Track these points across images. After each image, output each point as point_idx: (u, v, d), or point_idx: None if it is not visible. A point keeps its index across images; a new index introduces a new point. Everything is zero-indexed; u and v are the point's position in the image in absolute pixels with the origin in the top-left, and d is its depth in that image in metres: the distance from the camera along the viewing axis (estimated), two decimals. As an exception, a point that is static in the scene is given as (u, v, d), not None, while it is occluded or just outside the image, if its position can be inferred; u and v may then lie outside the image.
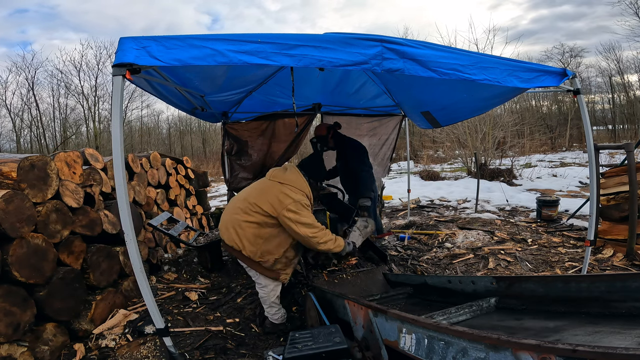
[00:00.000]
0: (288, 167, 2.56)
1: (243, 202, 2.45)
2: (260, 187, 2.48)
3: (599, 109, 24.22)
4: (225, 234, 2.48)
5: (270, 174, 2.56)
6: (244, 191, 2.62)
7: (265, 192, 2.41)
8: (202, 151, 26.67)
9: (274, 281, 2.56)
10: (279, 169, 2.58)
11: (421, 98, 3.74)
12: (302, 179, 2.50)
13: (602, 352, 0.81)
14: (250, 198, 2.43)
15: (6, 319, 2.05)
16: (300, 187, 2.44)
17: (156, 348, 2.42)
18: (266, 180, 2.54)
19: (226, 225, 2.48)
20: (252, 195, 2.45)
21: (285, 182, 2.42)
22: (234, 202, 2.56)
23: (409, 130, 7.30)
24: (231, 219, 2.46)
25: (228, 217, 2.50)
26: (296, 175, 2.49)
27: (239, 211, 2.43)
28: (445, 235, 4.97)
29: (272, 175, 2.54)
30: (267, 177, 2.56)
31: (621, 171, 3.96)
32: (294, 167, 2.58)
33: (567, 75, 2.33)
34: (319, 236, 2.33)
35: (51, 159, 2.65)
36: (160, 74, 2.24)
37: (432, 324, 1.28)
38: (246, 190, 2.59)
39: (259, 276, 2.54)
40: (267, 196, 2.38)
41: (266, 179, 2.55)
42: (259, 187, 2.49)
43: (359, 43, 1.89)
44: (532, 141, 15.52)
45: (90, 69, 21.30)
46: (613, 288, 1.43)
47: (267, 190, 2.42)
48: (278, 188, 2.39)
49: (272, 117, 4.52)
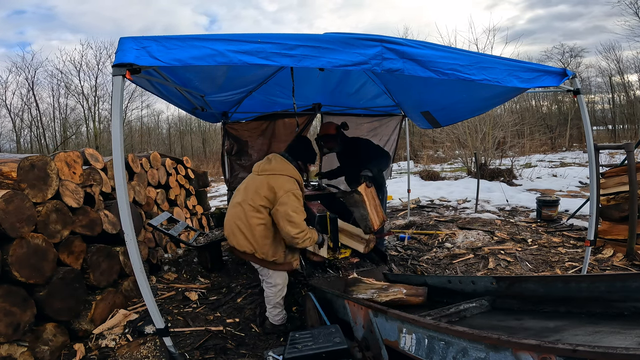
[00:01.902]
0: (272, 158, 2.57)
1: (243, 205, 2.45)
2: (254, 186, 2.46)
3: (599, 109, 24.23)
4: (234, 240, 2.47)
5: (257, 168, 2.55)
6: (239, 193, 2.58)
7: (259, 189, 2.41)
8: (202, 151, 26.67)
9: (285, 278, 2.63)
10: (263, 161, 2.57)
11: (421, 98, 3.74)
12: (289, 165, 2.52)
13: (602, 352, 0.81)
14: (248, 200, 2.43)
15: (6, 319, 2.05)
16: (290, 174, 2.46)
17: (156, 348, 2.42)
18: (255, 176, 2.53)
19: (233, 232, 2.47)
20: (249, 197, 2.44)
21: (273, 173, 2.44)
22: (233, 207, 2.54)
23: (409, 130, 7.29)
24: (236, 224, 2.45)
25: (232, 222, 2.48)
26: (282, 163, 2.51)
27: (242, 215, 2.43)
28: (445, 235, 4.97)
29: (259, 169, 2.53)
30: (255, 172, 2.55)
31: (621, 171, 3.96)
32: (277, 155, 2.59)
33: (567, 75, 2.33)
34: (300, 237, 2.37)
35: (51, 159, 2.65)
36: (160, 73, 2.24)
37: (432, 324, 1.28)
38: (241, 192, 2.55)
39: (271, 275, 2.56)
40: (262, 192, 2.39)
41: (255, 175, 2.54)
42: (253, 186, 2.47)
43: (359, 43, 1.89)
44: (532, 141, 15.52)
45: (90, 69, 21.32)
46: (613, 288, 1.43)
47: (260, 186, 2.42)
48: (268, 181, 2.41)
49: (272, 117, 4.52)
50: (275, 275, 2.57)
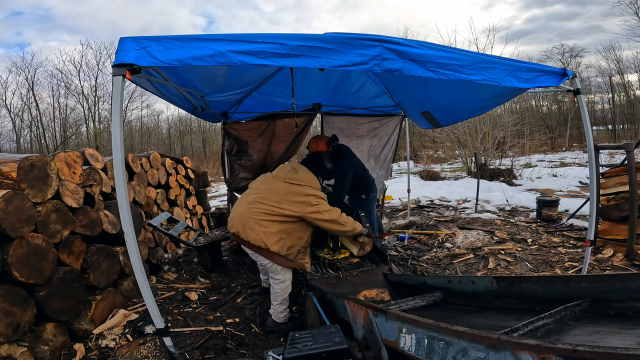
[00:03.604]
0: (298, 168, 2.70)
1: (262, 202, 2.51)
2: (278, 189, 2.56)
3: (599, 109, 24.23)
4: (251, 235, 2.49)
5: (285, 175, 2.63)
6: (257, 191, 2.64)
7: (287, 194, 2.52)
8: (202, 151, 26.67)
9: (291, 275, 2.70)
10: (290, 170, 2.67)
11: (421, 98, 3.73)
12: (315, 177, 2.70)
13: (602, 352, 0.81)
14: (272, 201, 2.51)
15: (6, 319, 2.05)
16: (317, 186, 2.65)
17: (156, 348, 2.42)
18: (280, 181, 2.61)
19: (250, 226, 2.49)
20: (273, 198, 2.52)
21: (303, 184, 2.58)
22: (251, 203, 2.56)
23: (409, 130, 7.30)
24: (252, 219, 2.49)
25: (247, 217, 2.51)
26: (309, 175, 2.68)
27: (259, 212, 2.49)
28: (445, 235, 4.97)
29: (286, 177, 2.61)
30: (281, 178, 2.62)
31: (621, 171, 3.96)
32: (303, 167, 2.76)
33: (567, 75, 2.33)
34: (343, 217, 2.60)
35: (51, 159, 2.65)
36: (160, 74, 2.24)
37: (433, 324, 1.28)
38: (261, 191, 2.61)
39: (279, 271, 2.59)
40: (290, 198, 2.51)
41: (279, 181, 2.61)
42: (277, 189, 2.56)
43: (359, 43, 1.89)
44: (532, 141, 15.54)
45: (90, 69, 21.34)
46: (613, 288, 1.43)
47: (288, 192, 2.53)
48: (299, 190, 2.54)
49: (272, 117, 4.52)
50: (283, 272, 2.62)
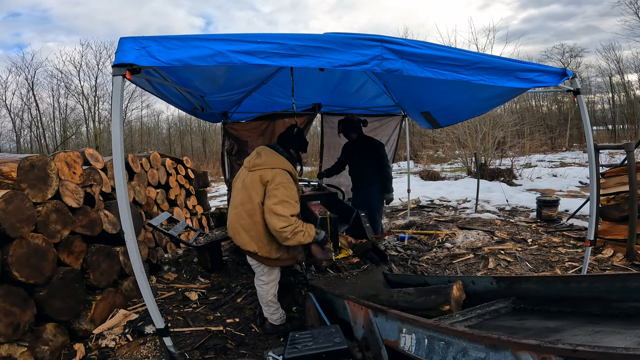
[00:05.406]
0: (261, 151, 2.50)
1: (244, 205, 2.42)
2: (249, 183, 2.42)
3: (599, 109, 24.22)
4: (240, 240, 2.46)
5: (248, 164, 2.50)
6: (238, 192, 2.54)
7: (254, 186, 2.38)
8: (202, 151, 26.67)
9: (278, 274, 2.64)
10: (253, 156, 2.51)
11: (421, 98, 3.74)
12: (279, 157, 2.46)
13: (602, 352, 0.81)
14: (246, 199, 2.41)
15: (6, 319, 2.05)
16: (281, 166, 2.40)
17: (156, 348, 2.42)
18: (246, 172, 2.49)
19: (238, 231, 2.45)
20: (246, 196, 2.41)
21: (264, 167, 2.39)
22: (235, 207, 2.51)
23: (409, 130, 7.30)
24: (240, 224, 2.43)
25: (236, 223, 2.46)
26: (272, 156, 2.46)
27: (244, 215, 2.41)
28: (445, 235, 4.97)
29: (250, 165, 2.47)
30: (247, 167, 2.51)
31: (621, 171, 3.96)
32: (265, 148, 2.53)
33: (566, 75, 2.33)
34: (287, 231, 2.23)
35: (51, 159, 2.65)
36: (160, 74, 2.24)
37: (432, 324, 1.28)
38: (240, 191, 2.51)
39: (266, 272, 2.55)
40: (257, 188, 2.36)
41: (247, 171, 2.49)
42: (248, 184, 2.43)
43: (359, 43, 1.89)
44: (532, 141, 15.53)
45: (90, 69, 21.34)
46: (613, 288, 1.43)
47: (254, 183, 2.38)
48: (260, 176, 2.36)
49: (272, 117, 4.52)
50: (269, 273, 2.57)
